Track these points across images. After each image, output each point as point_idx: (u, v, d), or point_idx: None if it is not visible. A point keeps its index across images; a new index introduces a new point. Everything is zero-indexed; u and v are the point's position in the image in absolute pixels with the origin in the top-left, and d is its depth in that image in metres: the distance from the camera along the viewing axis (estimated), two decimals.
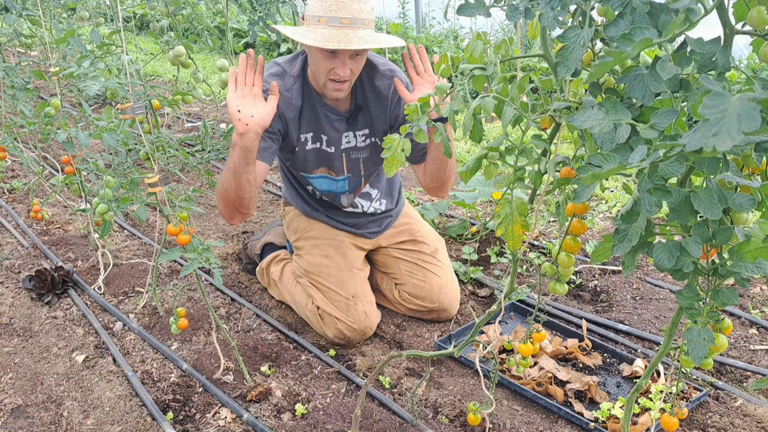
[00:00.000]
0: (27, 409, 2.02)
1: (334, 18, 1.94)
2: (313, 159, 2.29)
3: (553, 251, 1.30)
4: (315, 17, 1.97)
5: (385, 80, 2.21)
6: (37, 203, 2.98)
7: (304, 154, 2.27)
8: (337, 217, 2.48)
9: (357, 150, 2.31)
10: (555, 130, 1.18)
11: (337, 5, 1.95)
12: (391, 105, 2.23)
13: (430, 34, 6.40)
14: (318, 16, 1.96)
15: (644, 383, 1.18)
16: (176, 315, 2.01)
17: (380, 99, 2.23)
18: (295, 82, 2.19)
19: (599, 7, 0.99)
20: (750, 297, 2.53)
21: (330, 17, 1.95)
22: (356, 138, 2.29)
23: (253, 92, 1.95)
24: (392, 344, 2.36)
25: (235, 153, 1.96)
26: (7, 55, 4.51)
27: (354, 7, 1.96)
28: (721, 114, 0.58)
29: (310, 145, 2.27)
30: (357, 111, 2.24)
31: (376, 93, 2.22)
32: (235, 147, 1.95)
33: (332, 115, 2.23)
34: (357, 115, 2.25)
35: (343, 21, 1.94)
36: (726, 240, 0.93)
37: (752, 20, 0.87)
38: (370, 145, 2.31)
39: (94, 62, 2.06)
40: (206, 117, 5.09)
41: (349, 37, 1.93)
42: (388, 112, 2.24)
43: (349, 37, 1.93)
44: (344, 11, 1.95)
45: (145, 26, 8.00)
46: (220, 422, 1.94)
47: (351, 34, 1.94)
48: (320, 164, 2.32)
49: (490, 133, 4.56)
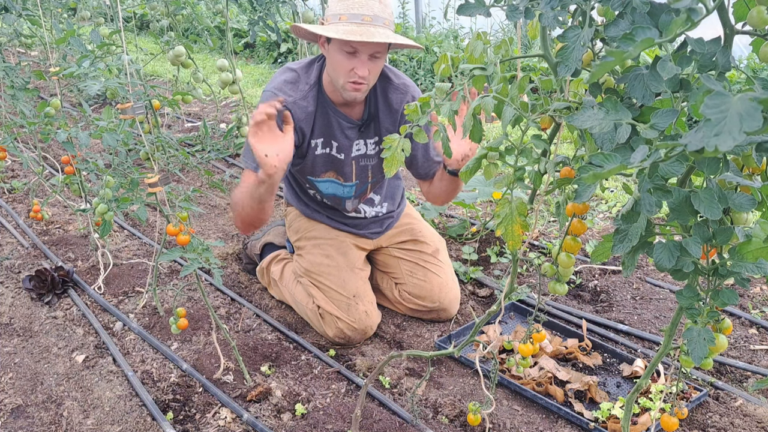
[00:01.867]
0: (27, 409, 2.02)
1: (356, 15, 1.95)
2: (322, 163, 2.29)
3: (553, 251, 1.30)
4: (336, 15, 1.98)
5: (398, 94, 2.21)
6: (37, 203, 2.98)
7: (313, 158, 2.27)
8: (338, 218, 2.48)
9: (366, 158, 2.31)
10: (555, 130, 1.18)
11: (359, 3, 1.96)
12: (401, 120, 2.23)
13: (430, 34, 6.40)
14: (339, 14, 1.97)
15: (644, 383, 1.17)
16: (176, 315, 2.01)
17: (391, 111, 2.23)
18: (310, 89, 2.17)
19: (599, 7, 0.99)
20: (750, 297, 2.53)
21: (351, 14, 1.95)
22: (367, 146, 2.29)
23: (270, 127, 1.87)
24: (392, 344, 2.36)
25: (261, 188, 1.95)
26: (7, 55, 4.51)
27: (375, 6, 1.97)
28: (722, 114, 0.58)
29: (320, 150, 2.26)
30: (369, 120, 2.24)
31: (388, 105, 2.22)
32: (262, 183, 1.93)
33: (344, 122, 2.23)
34: (369, 124, 2.25)
35: (364, 18, 1.95)
36: (726, 240, 0.93)
37: (752, 20, 0.87)
38: (379, 152, 2.31)
39: (94, 62, 2.06)
40: (206, 117, 5.09)
41: (371, 32, 1.93)
42: (396, 126, 2.24)
43: (371, 32, 1.93)
44: (366, 8, 1.96)
45: (145, 26, 8.00)
46: (220, 422, 1.94)
47: (373, 30, 1.94)
48: (329, 169, 2.31)
49: (490, 133, 4.56)
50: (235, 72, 3.50)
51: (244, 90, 5.16)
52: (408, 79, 2.26)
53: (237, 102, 5.02)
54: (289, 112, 2.00)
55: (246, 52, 7.43)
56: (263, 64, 7.01)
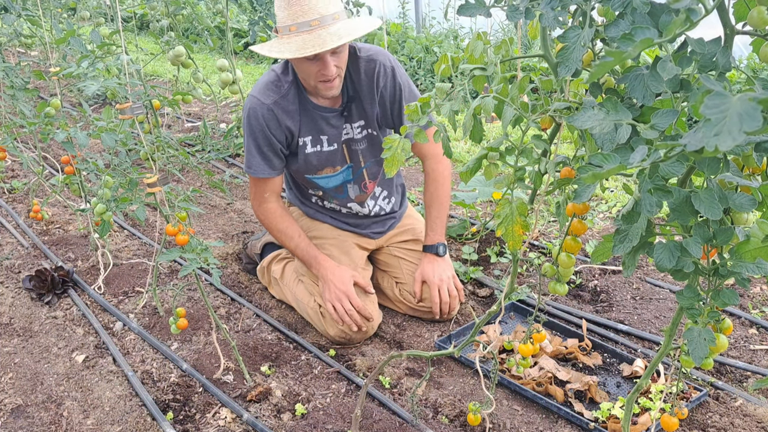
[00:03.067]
0: (27, 409, 2.02)
1: (304, 23, 1.95)
2: (316, 162, 2.31)
3: (554, 252, 1.30)
4: (286, 27, 1.98)
5: (369, 65, 2.21)
6: (37, 203, 2.98)
7: (304, 157, 2.29)
8: (341, 218, 2.50)
9: (355, 142, 2.33)
10: (555, 131, 1.18)
11: (302, 9, 1.95)
12: (377, 87, 2.23)
13: (430, 34, 6.40)
14: (288, 26, 1.97)
15: (644, 383, 1.18)
16: (176, 315, 2.01)
17: (368, 85, 2.23)
18: (290, 88, 2.21)
19: (599, 7, 0.99)
20: (750, 297, 2.53)
21: (299, 23, 1.95)
22: (353, 130, 2.30)
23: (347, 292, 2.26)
24: (392, 344, 2.36)
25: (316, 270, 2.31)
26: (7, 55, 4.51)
27: (320, 6, 1.95)
28: (722, 114, 0.58)
29: (310, 149, 2.28)
30: (350, 102, 2.26)
31: (362, 81, 2.23)
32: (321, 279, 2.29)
33: (327, 114, 2.25)
34: (350, 106, 2.26)
35: (312, 23, 1.94)
36: (726, 240, 0.93)
37: (753, 20, 0.86)
38: (367, 137, 2.32)
39: (94, 62, 2.06)
40: (206, 117, 5.09)
41: (323, 38, 1.93)
42: (376, 97, 2.24)
43: (323, 37, 1.93)
44: (311, 13, 1.94)
45: (145, 26, 8.00)
46: (220, 422, 1.94)
47: (324, 34, 1.94)
48: (324, 165, 2.34)
49: (490, 133, 4.56)
50: (235, 72, 3.50)
51: (244, 90, 5.16)
52: (374, 48, 2.26)
53: (237, 102, 5.02)
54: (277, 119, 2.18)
55: (246, 52, 7.43)
56: (263, 64, 7.01)
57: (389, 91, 2.23)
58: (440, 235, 2.40)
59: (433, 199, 2.40)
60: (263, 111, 2.19)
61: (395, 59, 2.26)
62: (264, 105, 2.18)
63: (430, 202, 2.40)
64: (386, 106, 2.26)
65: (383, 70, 2.20)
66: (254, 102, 2.20)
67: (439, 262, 2.38)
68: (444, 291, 2.35)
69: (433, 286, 2.34)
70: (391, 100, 2.24)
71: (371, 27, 2.02)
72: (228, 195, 3.60)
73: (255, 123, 2.21)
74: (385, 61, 2.21)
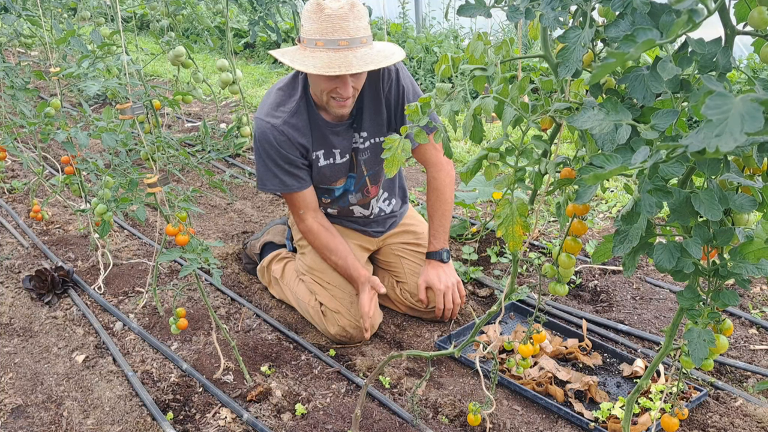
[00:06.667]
0: (27, 409, 2.02)
1: (332, 41, 1.92)
2: (330, 174, 2.31)
3: (554, 252, 1.30)
4: (312, 40, 1.95)
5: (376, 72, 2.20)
6: (37, 203, 2.98)
7: (318, 170, 2.29)
8: (341, 217, 2.49)
9: (360, 151, 2.32)
10: (555, 131, 1.18)
11: (333, 27, 1.92)
12: (382, 92, 2.22)
13: (430, 34, 6.39)
14: (315, 39, 1.94)
15: (645, 384, 1.18)
16: (176, 315, 2.01)
17: (373, 89, 2.22)
18: (298, 104, 2.18)
19: (600, 7, 0.99)
20: (750, 297, 2.53)
21: (327, 40, 1.92)
22: (359, 139, 2.30)
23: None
24: (392, 344, 2.36)
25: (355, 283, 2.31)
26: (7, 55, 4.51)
27: (350, 28, 1.93)
28: (724, 115, 0.58)
29: (323, 162, 2.28)
30: (358, 113, 2.25)
31: (368, 86, 2.21)
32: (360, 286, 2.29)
33: (337, 127, 2.24)
34: (359, 117, 2.25)
35: (341, 43, 1.92)
36: (727, 241, 0.93)
37: (753, 21, 0.87)
38: (370, 147, 2.32)
39: (94, 62, 2.05)
40: (206, 117, 5.09)
41: (349, 60, 1.91)
42: (381, 98, 2.23)
43: (349, 60, 1.91)
44: (341, 32, 1.92)
45: (146, 26, 8.00)
46: (220, 422, 1.94)
47: (351, 56, 1.92)
48: (338, 177, 2.34)
49: (491, 133, 4.56)
50: (235, 72, 3.50)
51: (244, 90, 5.16)
52: None
53: (237, 102, 5.02)
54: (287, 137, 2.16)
55: (246, 52, 7.43)
56: (263, 64, 7.00)
57: (393, 94, 2.22)
58: (443, 242, 2.40)
59: (435, 208, 2.39)
60: (274, 133, 2.16)
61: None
62: (274, 127, 2.16)
63: (433, 212, 2.40)
64: (391, 109, 2.25)
65: (387, 74, 2.19)
66: (263, 125, 2.17)
67: (444, 268, 2.38)
68: (449, 298, 2.35)
69: (438, 294, 2.34)
70: (395, 103, 2.24)
71: (399, 58, 2.00)
72: (228, 195, 3.60)
73: (268, 147, 2.18)
74: (393, 70, 2.20)
